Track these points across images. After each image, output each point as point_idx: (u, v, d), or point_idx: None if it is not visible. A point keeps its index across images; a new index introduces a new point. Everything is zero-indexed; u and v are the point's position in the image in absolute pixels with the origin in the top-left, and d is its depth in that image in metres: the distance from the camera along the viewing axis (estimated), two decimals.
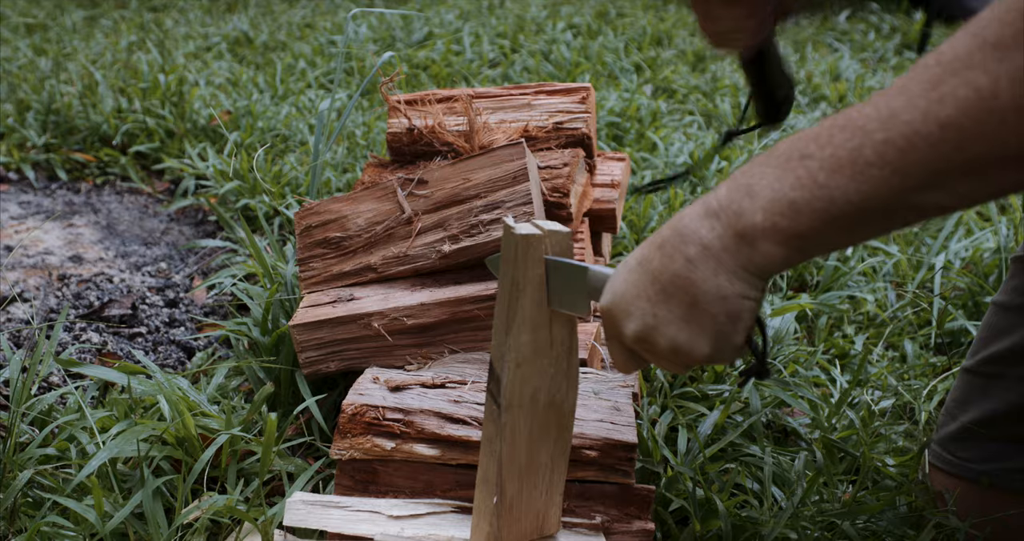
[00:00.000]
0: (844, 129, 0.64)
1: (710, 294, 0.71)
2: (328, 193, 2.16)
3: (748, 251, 0.69)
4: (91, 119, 2.56)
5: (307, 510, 1.04)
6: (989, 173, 0.60)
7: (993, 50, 0.57)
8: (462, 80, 3.19)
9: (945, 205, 0.63)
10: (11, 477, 1.11)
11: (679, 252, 0.72)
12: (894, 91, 0.63)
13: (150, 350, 1.61)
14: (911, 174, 0.61)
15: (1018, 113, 0.56)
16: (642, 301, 0.74)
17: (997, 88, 0.57)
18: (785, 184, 0.66)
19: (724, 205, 0.70)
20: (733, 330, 0.72)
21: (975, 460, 1.14)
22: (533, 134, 1.44)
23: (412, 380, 1.14)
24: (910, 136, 0.60)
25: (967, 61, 0.58)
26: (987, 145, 0.58)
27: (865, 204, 0.63)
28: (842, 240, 0.68)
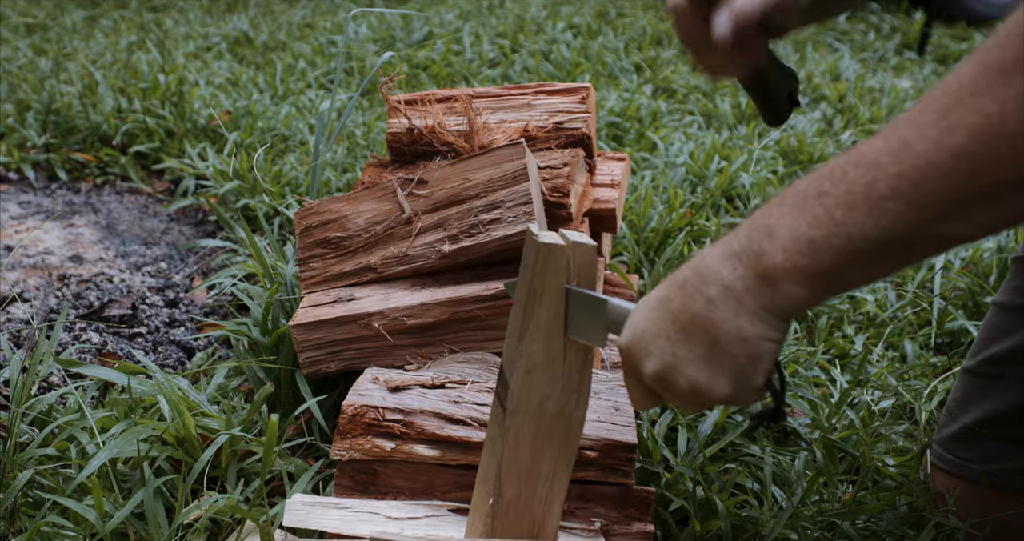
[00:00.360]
0: (857, 165, 0.64)
1: (731, 335, 0.71)
2: (328, 193, 2.16)
3: (770, 292, 0.69)
4: (91, 119, 2.56)
5: (307, 511, 1.03)
6: (1004, 199, 0.60)
7: (998, 76, 0.57)
8: (462, 80, 3.19)
9: (964, 235, 0.63)
10: (11, 477, 1.11)
11: (700, 292, 0.72)
12: (904, 123, 0.62)
13: (150, 350, 1.61)
14: (927, 205, 0.61)
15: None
16: (662, 340, 0.74)
17: (1005, 113, 0.57)
18: (803, 223, 0.66)
19: (744, 246, 0.70)
20: (753, 371, 0.72)
21: (976, 460, 1.14)
22: (533, 134, 1.43)
23: (412, 380, 1.14)
24: (923, 167, 0.60)
25: (973, 89, 0.58)
26: (1000, 171, 0.58)
27: (884, 239, 0.63)
28: (863, 276, 0.68)
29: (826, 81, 3.62)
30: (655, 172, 2.33)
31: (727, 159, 2.42)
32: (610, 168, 1.59)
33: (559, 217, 1.32)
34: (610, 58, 3.52)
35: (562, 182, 1.31)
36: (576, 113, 1.46)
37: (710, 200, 2.19)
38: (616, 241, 1.90)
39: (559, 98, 1.49)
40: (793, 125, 2.94)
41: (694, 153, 2.46)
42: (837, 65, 3.88)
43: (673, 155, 2.44)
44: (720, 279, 0.71)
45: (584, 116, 1.45)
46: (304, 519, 1.02)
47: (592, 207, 1.47)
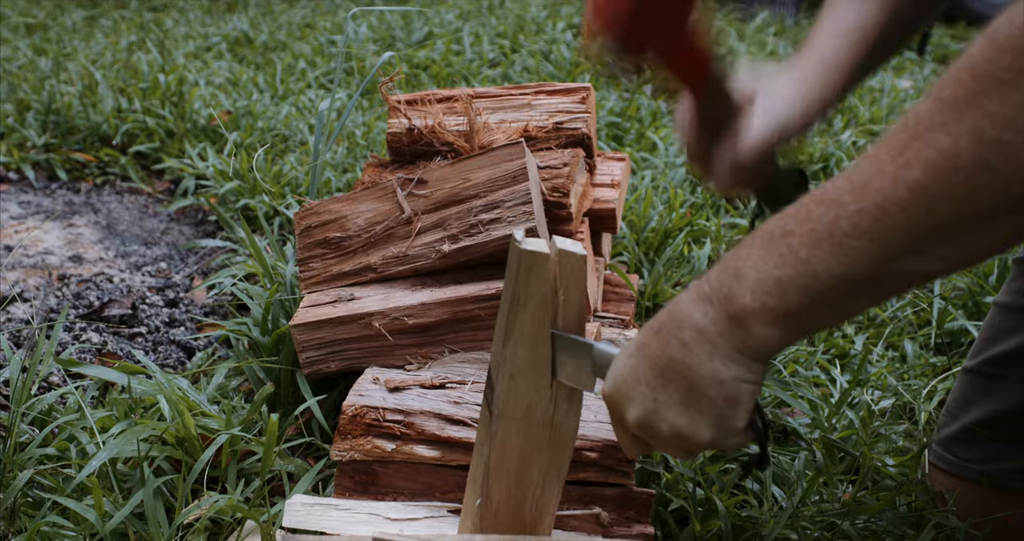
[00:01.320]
0: (821, 203, 0.64)
1: (707, 378, 0.71)
2: (328, 193, 2.16)
3: (742, 334, 0.68)
4: (91, 119, 2.56)
5: (306, 512, 1.03)
6: (964, 234, 0.60)
7: (951, 110, 0.57)
8: (462, 80, 3.19)
9: (928, 271, 0.63)
10: (11, 477, 1.11)
11: (674, 337, 0.72)
12: (865, 160, 0.63)
13: (150, 350, 1.61)
14: (888, 242, 0.61)
15: (981, 169, 0.56)
16: (641, 386, 0.74)
17: (958, 147, 0.57)
18: (769, 263, 0.66)
19: (715, 288, 0.70)
20: (733, 414, 0.72)
21: (976, 460, 1.14)
22: (533, 134, 1.43)
23: (412, 380, 1.14)
24: (882, 204, 0.60)
25: (928, 123, 0.59)
26: (957, 205, 0.58)
27: (848, 277, 0.63)
28: (833, 315, 0.67)
29: None
30: (655, 172, 2.33)
31: None
32: (610, 168, 1.59)
33: (559, 217, 1.32)
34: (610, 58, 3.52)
35: (562, 182, 1.31)
36: (576, 113, 1.46)
37: (710, 200, 2.19)
38: (616, 241, 1.91)
39: (559, 98, 1.49)
40: None
41: None
42: None
43: (673, 155, 2.44)
44: (693, 323, 0.71)
45: (584, 116, 1.45)
46: (304, 520, 1.02)
47: (592, 207, 1.47)
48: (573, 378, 0.85)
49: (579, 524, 1.05)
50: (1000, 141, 0.55)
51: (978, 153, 0.56)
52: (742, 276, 0.68)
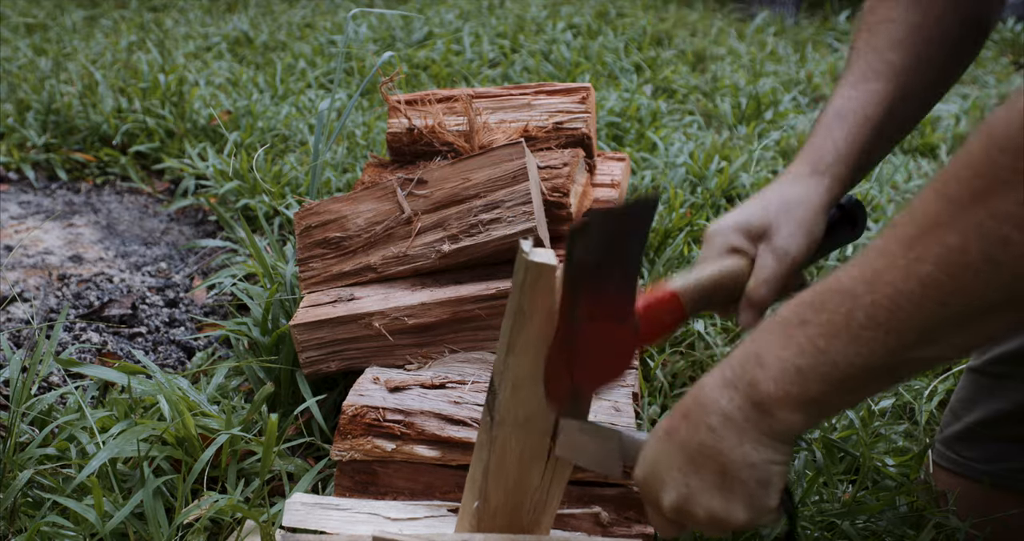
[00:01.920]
0: (835, 293, 0.66)
1: (738, 462, 0.72)
2: (328, 193, 2.16)
3: (768, 420, 0.70)
4: (91, 119, 2.56)
5: (306, 511, 1.03)
6: (976, 324, 0.62)
7: (957, 208, 0.59)
8: (462, 80, 3.19)
9: (944, 357, 0.65)
10: (11, 477, 1.11)
11: (703, 423, 0.73)
12: (875, 251, 0.65)
13: (150, 350, 1.61)
14: (903, 332, 0.63)
15: (989, 264, 0.58)
16: (674, 471, 0.76)
17: (967, 244, 0.59)
18: (790, 352, 0.68)
19: (739, 375, 0.72)
20: (766, 495, 0.73)
21: (980, 459, 1.14)
22: (533, 134, 1.43)
23: (412, 380, 1.14)
24: (894, 296, 0.62)
25: (936, 219, 0.61)
26: (967, 298, 0.60)
27: (866, 365, 0.65)
28: (853, 399, 0.69)
29: (826, 81, 3.62)
30: (655, 172, 2.33)
31: (727, 159, 2.42)
32: (610, 168, 1.59)
33: (559, 217, 1.32)
34: (610, 58, 3.52)
35: (562, 182, 1.31)
36: (576, 113, 1.46)
37: (710, 200, 2.19)
38: None
39: (559, 98, 1.49)
40: (793, 125, 2.94)
41: (694, 153, 2.46)
42: (837, 65, 3.87)
43: (673, 155, 2.44)
44: (720, 409, 0.72)
45: (584, 116, 1.45)
46: (304, 520, 1.02)
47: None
48: (599, 464, 0.86)
49: (579, 523, 1.05)
50: (1006, 238, 0.57)
51: (985, 249, 0.58)
52: (764, 364, 0.70)
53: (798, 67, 3.85)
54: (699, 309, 0.93)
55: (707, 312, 1.01)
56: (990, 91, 3.82)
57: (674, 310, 0.89)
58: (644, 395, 1.41)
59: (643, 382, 1.40)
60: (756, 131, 2.82)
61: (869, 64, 1.01)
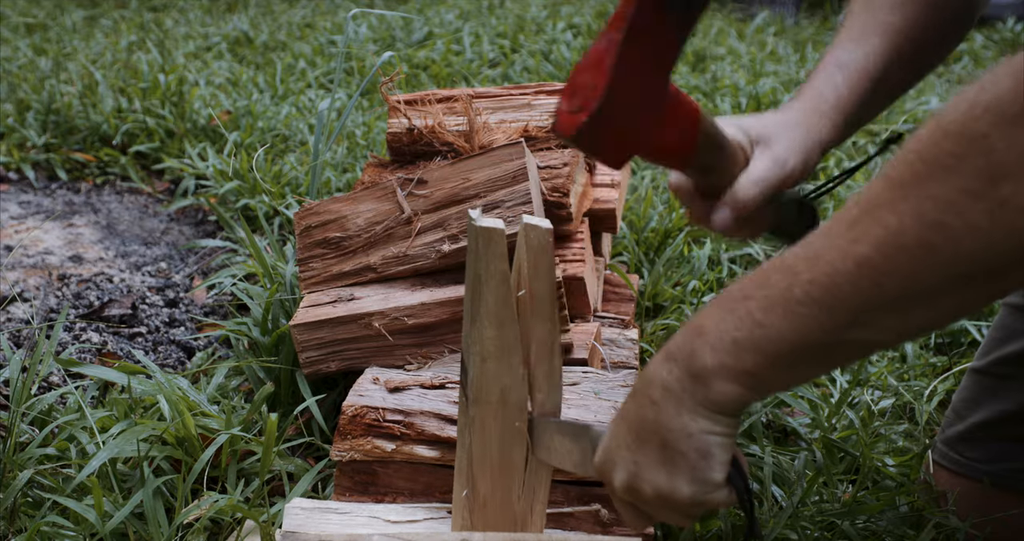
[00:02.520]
0: (778, 270, 0.67)
1: (676, 432, 0.73)
2: (328, 193, 2.16)
3: (704, 390, 0.71)
4: (91, 119, 2.56)
5: (305, 515, 1.03)
6: (910, 308, 0.62)
7: (898, 190, 0.60)
8: (462, 80, 3.19)
9: (879, 341, 0.66)
10: (11, 477, 1.11)
11: (645, 397, 0.75)
12: (820, 233, 0.66)
13: (150, 350, 1.61)
14: (837, 311, 0.64)
15: (923, 248, 0.59)
16: (623, 450, 0.77)
17: (903, 225, 0.59)
18: (729, 324, 0.69)
19: (680, 346, 0.73)
20: (707, 466, 0.74)
21: (983, 460, 1.14)
22: (533, 134, 1.43)
23: (411, 381, 1.14)
24: (832, 275, 0.63)
25: (877, 201, 0.61)
26: (901, 280, 0.61)
27: (800, 341, 0.66)
28: (789, 377, 0.71)
29: None
30: (655, 172, 2.33)
31: None
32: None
33: (559, 217, 1.32)
34: None
35: (562, 182, 1.31)
36: None
37: None
38: (616, 241, 1.91)
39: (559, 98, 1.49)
40: None
41: None
42: None
43: None
44: (660, 381, 0.74)
45: None
46: (303, 524, 1.02)
47: (592, 207, 1.47)
48: (575, 463, 0.85)
49: (579, 523, 1.05)
50: (941, 223, 0.58)
51: (921, 233, 0.59)
52: (703, 334, 0.71)
53: (798, 67, 3.85)
54: (704, 157, 0.88)
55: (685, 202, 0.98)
56: None
57: (689, 125, 0.84)
58: None
59: None
60: None
61: (866, 23, 1.00)
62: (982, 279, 0.59)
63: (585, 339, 1.25)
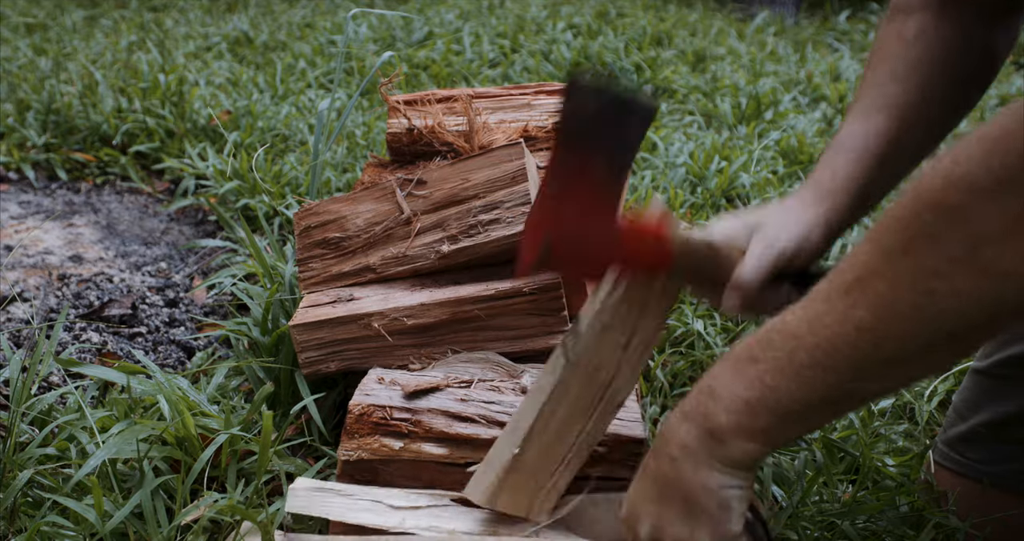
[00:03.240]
0: (781, 333, 0.72)
1: (697, 489, 0.77)
2: (328, 193, 2.16)
3: (720, 448, 0.76)
4: (91, 119, 2.56)
5: (308, 497, 1.04)
6: (910, 362, 0.67)
7: (888, 258, 0.65)
8: (462, 80, 3.19)
9: (883, 390, 0.72)
10: (11, 477, 1.11)
11: (665, 454, 0.80)
12: (819, 295, 0.70)
13: (150, 350, 1.61)
14: (841, 371, 0.68)
15: (916, 312, 0.64)
16: (647, 504, 0.82)
17: (896, 293, 0.64)
18: (740, 387, 0.74)
19: (694, 407, 0.78)
20: (727, 518, 0.78)
21: (984, 461, 1.14)
22: (533, 134, 1.43)
23: (426, 383, 1.14)
24: (832, 339, 0.68)
25: (869, 267, 0.66)
26: (899, 341, 0.65)
27: (808, 399, 0.71)
28: (801, 428, 0.75)
29: (826, 81, 3.62)
30: (655, 172, 2.33)
31: (727, 159, 2.42)
32: None
33: None
34: (610, 58, 3.52)
35: None
36: None
37: (710, 200, 2.19)
38: None
39: (559, 98, 1.49)
40: (793, 125, 2.93)
41: (694, 153, 2.46)
42: (837, 65, 3.87)
43: (673, 155, 2.44)
44: (679, 440, 0.78)
45: None
46: (307, 505, 1.03)
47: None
48: (608, 534, 0.91)
49: None
50: (930, 290, 0.62)
51: (913, 299, 0.63)
52: (716, 397, 0.76)
53: (798, 67, 3.85)
54: (686, 272, 0.92)
55: (695, 294, 1.02)
56: (990, 91, 3.82)
57: (660, 249, 0.89)
58: (645, 395, 1.41)
59: (643, 382, 1.40)
60: (756, 131, 2.82)
61: (872, 98, 1.03)
62: (973, 333, 0.64)
63: None
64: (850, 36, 5.04)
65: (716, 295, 0.98)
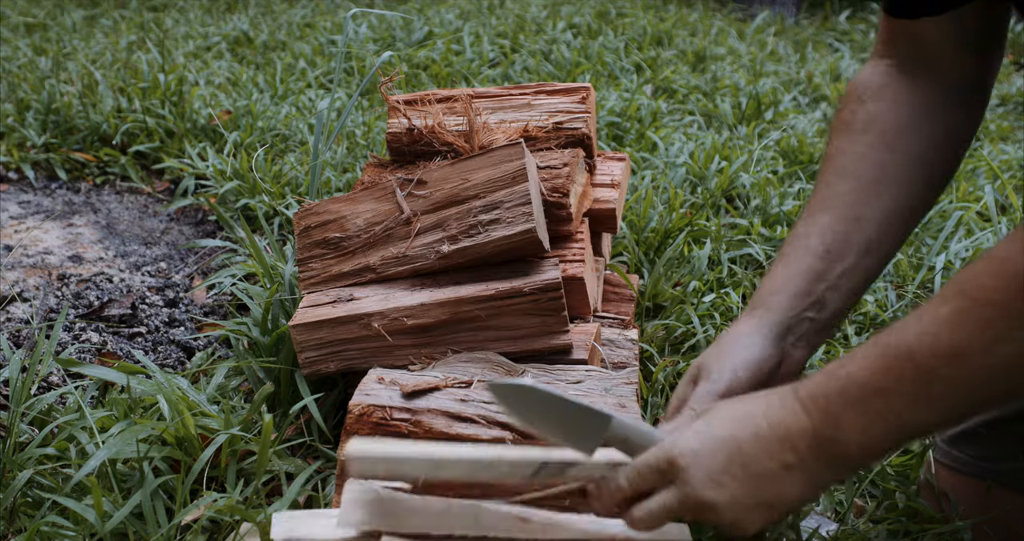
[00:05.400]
0: (910, 363, 0.74)
1: (793, 498, 0.81)
2: (328, 193, 2.16)
3: (834, 475, 0.80)
4: (91, 119, 2.56)
5: (293, 522, 1.01)
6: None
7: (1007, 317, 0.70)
8: (462, 80, 3.19)
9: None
10: (11, 477, 1.11)
11: (778, 456, 0.80)
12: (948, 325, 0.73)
13: (150, 350, 1.61)
14: (981, 397, 0.74)
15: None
16: (727, 477, 0.81)
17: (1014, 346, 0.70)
18: (870, 420, 0.76)
19: (819, 429, 0.79)
20: (782, 516, 0.83)
21: (985, 458, 1.14)
22: (533, 134, 1.43)
23: (426, 383, 1.14)
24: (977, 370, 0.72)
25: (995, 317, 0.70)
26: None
27: (937, 421, 0.76)
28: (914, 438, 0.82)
29: (826, 81, 3.62)
30: (655, 172, 2.33)
31: (727, 159, 2.42)
32: (610, 168, 1.59)
33: (559, 217, 1.32)
34: (610, 58, 3.52)
35: (562, 182, 1.31)
36: (576, 113, 1.46)
37: (710, 200, 2.19)
38: (616, 241, 1.91)
39: (559, 98, 1.49)
40: (793, 125, 2.93)
41: (694, 153, 2.46)
42: (837, 65, 3.87)
43: (673, 155, 2.44)
44: (796, 452, 0.80)
45: (584, 116, 1.45)
46: (292, 529, 1.00)
47: (592, 207, 1.47)
48: (573, 440, 0.89)
49: None
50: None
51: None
52: (842, 427, 0.78)
53: (798, 67, 3.85)
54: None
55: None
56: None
57: None
58: (646, 396, 1.40)
59: (643, 383, 1.40)
60: (756, 131, 2.82)
61: (818, 197, 1.06)
62: None
63: (584, 339, 1.24)
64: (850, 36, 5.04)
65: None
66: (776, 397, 0.83)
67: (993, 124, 3.27)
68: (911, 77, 1.06)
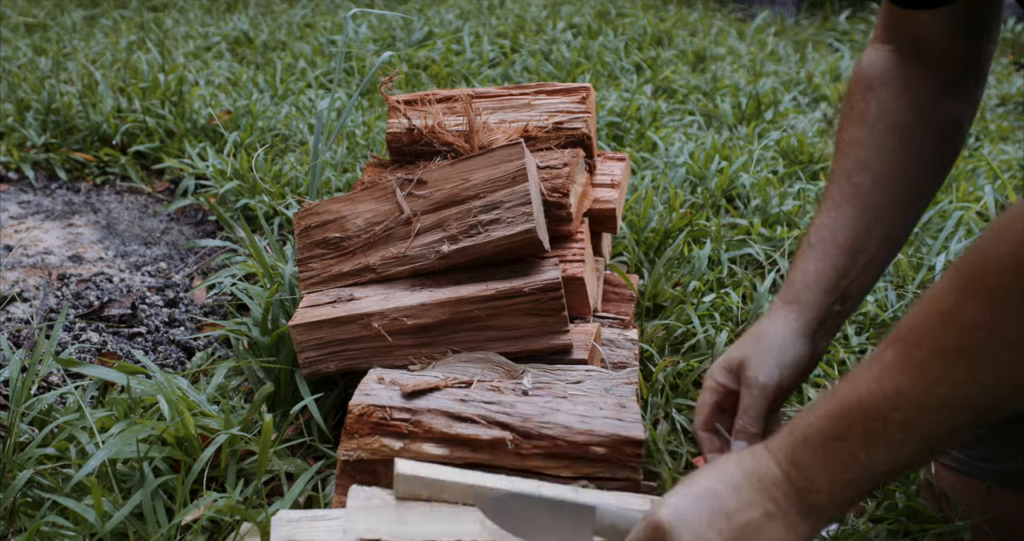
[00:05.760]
0: (860, 410, 0.76)
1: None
2: (328, 193, 2.16)
3: (815, 522, 0.81)
4: (91, 119, 2.56)
5: (293, 526, 1.01)
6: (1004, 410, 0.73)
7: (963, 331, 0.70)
8: (462, 80, 3.19)
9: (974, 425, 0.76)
10: (11, 477, 1.11)
11: (757, 505, 0.82)
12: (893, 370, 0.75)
13: (150, 350, 1.61)
14: (935, 437, 0.75)
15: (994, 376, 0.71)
16: (713, 532, 0.82)
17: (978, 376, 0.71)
18: (835, 466, 0.78)
19: (792, 477, 0.81)
20: None
21: (985, 459, 1.14)
22: (533, 134, 1.43)
23: (426, 383, 1.14)
24: (920, 411, 0.73)
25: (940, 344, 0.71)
26: (975, 411, 0.72)
27: (906, 462, 0.77)
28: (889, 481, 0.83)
29: (826, 81, 3.62)
30: (655, 172, 2.33)
31: (727, 159, 2.42)
32: (610, 168, 1.59)
33: (559, 217, 1.32)
34: (610, 58, 3.52)
35: (562, 182, 1.31)
36: (576, 113, 1.46)
37: (710, 200, 2.19)
38: (616, 241, 1.91)
39: (559, 98, 1.49)
40: (793, 125, 2.93)
41: (694, 153, 2.46)
42: (837, 65, 3.87)
43: (673, 155, 2.44)
44: (775, 501, 0.81)
45: (584, 116, 1.45)
46: (292, 533, 1.01)
47: (592, 207, 1.47)
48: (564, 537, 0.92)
49: None
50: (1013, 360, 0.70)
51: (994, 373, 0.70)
52: (812, 478, 0.80)
53: (798, 67, 3.85)
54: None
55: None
56: (990, 92, 3.82)
57: None
58: (646, 397, 1.40)
59: (643, 384, 1.40)
60: (756, 131, 2.82)
61: (840, 188, 1.07)
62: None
63: (584, 339, 1.24)
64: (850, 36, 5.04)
65: (723, 444, 1.06)
66: (748, 453, 0.86)
67: (993, 124, 3.27)
68: (913, 62, 1.07)
